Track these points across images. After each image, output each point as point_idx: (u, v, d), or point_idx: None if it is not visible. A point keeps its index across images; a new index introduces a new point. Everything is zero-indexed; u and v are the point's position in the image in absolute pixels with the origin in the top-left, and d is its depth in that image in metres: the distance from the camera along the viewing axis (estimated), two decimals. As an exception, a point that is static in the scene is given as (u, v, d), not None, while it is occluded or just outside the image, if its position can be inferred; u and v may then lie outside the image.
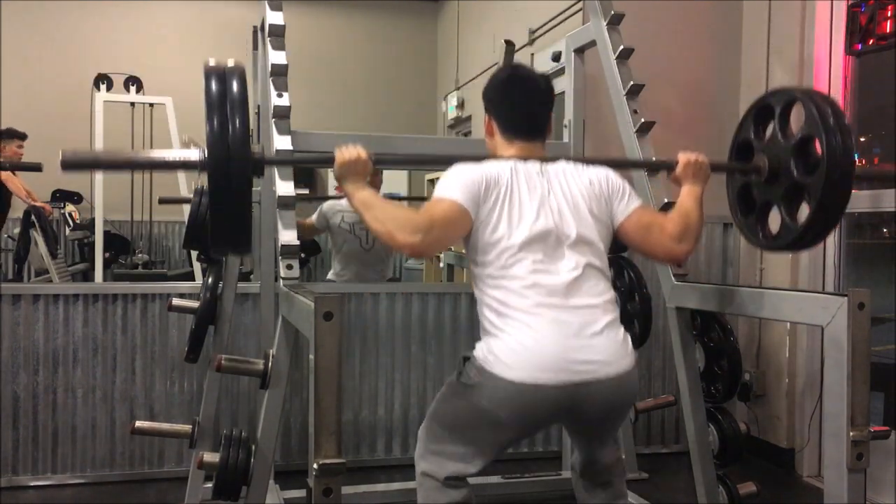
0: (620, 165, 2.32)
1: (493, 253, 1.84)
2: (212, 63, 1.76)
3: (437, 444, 1.90)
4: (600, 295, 1.86)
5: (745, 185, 2.22)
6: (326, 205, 4.08)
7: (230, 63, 1.78)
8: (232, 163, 1.65)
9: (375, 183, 4.09)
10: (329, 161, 1.87)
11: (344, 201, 3.94)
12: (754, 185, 2.18)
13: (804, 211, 2.03)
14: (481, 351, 1.83)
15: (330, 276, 4.19)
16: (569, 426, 2.07)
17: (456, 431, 1.88)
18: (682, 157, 2.11)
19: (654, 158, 2.63)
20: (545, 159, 1.98)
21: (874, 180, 2.22)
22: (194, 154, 1.70)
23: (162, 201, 5.18)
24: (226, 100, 1.68)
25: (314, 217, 4.05)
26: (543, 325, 1.77)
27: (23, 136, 5.73)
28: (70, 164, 1.71)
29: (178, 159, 1.76)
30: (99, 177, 5.39)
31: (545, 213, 1.86)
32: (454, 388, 1.91)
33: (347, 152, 1.84)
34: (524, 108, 2.02)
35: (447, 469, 1.87)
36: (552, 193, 1.89)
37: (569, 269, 1.83)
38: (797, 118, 2.06)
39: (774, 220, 2.16)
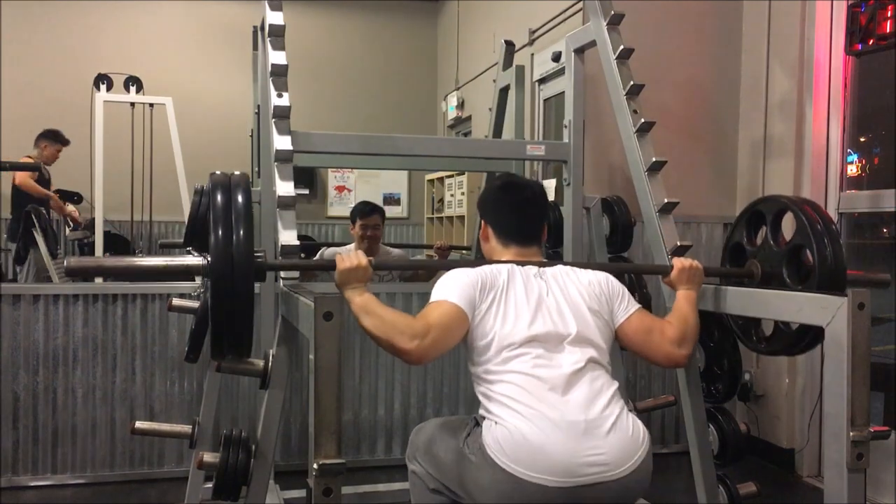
0: (619, 271, 2.38)
1: (492, 350, 1.82)
2: (217, 174, 1.86)
3: (428, 465, 1.97)
4: (605, 388, 1.81)
5: (739, 285, 2.29)
6: (328, 251, 4.14)
7: (236, 173, 1.87)
8: (236, 270, 1.70)
9: (377, 236, 4.11)
10: (331, 266, 1.90)
11: (347, 246, 3.98)
12: (748, 286, 2.24)
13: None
14: (487, 433, 1.77)
15: None
16: None
17: (447, 478, 1.91)
18: (678, 264, 2.16)
19: (653, 158, 2.62)
20: (542, 263, 2.01)
21: (866, 285, 2.26)
22: (198, 260, 1.77)
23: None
24: (231, 210, 1.76)
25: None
26: (547, 422, 1.71)
27: (65, 143, 5.82)
28: (75, 272, 1.82)
29: (181, 264, 1.82)
30: (99, 177, 5.39)
31: (543, 313, 1.86)
32: (457, 448, 1.88)
33: (348, 260, 1.87)
34: (519, 215, 2.06)
35: (432, 482, 1.91)
36: (550, 293, 1.90)
37: (571, 362, 1.81)
38: (789, 224, 2.14)
39: (768, 323, 2.23)
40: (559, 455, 1.68)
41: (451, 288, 1.86)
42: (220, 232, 1.73)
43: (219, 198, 1.78)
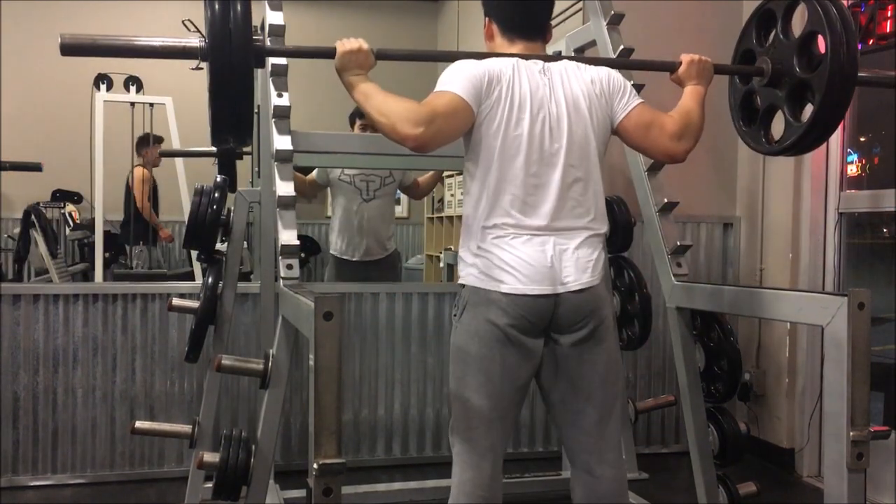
0: (622, 66, 2.30)
1: (491, 157, 1.84)
2: None
3: (460, 428, 1.92)
4: (584, 215, 1.88)
5: (748, 93, 2.23)
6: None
7: None
8: (234, 49, 1.63)
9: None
10: (331, 53, 1.87)
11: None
12: (757, 91, 2.18)
13: (807, 114, 2.04)
14: (470, 276, 1.87)
15: (331, 249, 4.15)
16: (553, 348, 1.96)
17: (469, 376, 1.89)
18: (686, 57, 2.10)
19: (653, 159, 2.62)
20: (547, 58, 1.95)
21: (878, 85, 2.26)
22: (194, 41, 1.69)
23: (163, 154, 5.16)
24: None
25: (314, 173, 4.02)
26: (528, 247, 1.82)
27: (158, 140, 5.81)
28: (69, 49, 1.73)
29: (178, 46, 1.75)
30: (99, 177, 5.39)
31: (544, 115, 1.85)
32: (455, 331, 1.93)
33: (349, 43, 1.85)
34: (525, 6, 1.98)
35: (473, 446, 1.88)
36: (553, 95, 1.87)
37: (558, 180, 1.84)
38: (800, 22, 2.06)
39: (777, 128, 2.16)
40: (537, 270, 1.81)
41: (458, 80, 1.82)
42: (216, 9, 1.65)
43: None
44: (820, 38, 1.98)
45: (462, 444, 1.90)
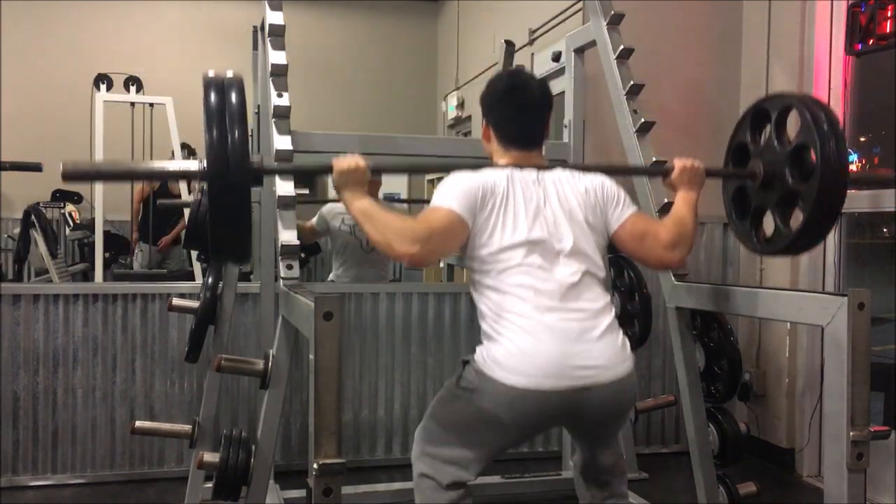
0: (616, 172, 2.33)
1: (491, 260, 1.84)
2: (211, 74, 1.78)
3: (435, 446, 1.89)
4: (597, 300, 1.86)
5: (741, 189, 2.25)
6: (326, 208, 4.09)
7: (229, 74, 1.80)
8: (231, 173, 1.66)
9: (374, 186, 4.11)
10: (328, 170, 1.87)
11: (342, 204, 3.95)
12: (749, 190, 2.20)
13: (798, 216, 2.05)
14: (481, 355, 1.83)
15: (331, 277, 4.20)
16: (569, 429, 2.08)
17: (455, 433, 1.87)
18: (678, 163, 2.12)
19: (653, 158, 2.63)
20: (542, 167, 1.99)
21: (869, 184, 2.25)
22: (194, 165, 1.72)
23: (161, 206, 5.24)
24: (224, 111, 1.70)
25: (314, 220, 4.05)
26: (542, 330, 1.77)
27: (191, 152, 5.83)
28: (71, 175, 1.72)
29: (178, 169, 1.79)
30: (99, 177, 5.39)
31: (541, 223, 1.86)
32: (453, 391, 1.90)
33: (345, 161, 1.85)
34: (522, 118, 2.02)
35: (446, 476, 1.86)
36: (548, 203, 1.90)
37: (566, 275, 1.84)
38: (794, 123, 2.07)
39: (769, 224, 2.18)
40: (553, 358, 1.75)
41: (453, 195, 1.84)
42: (214, 134, 1.68)
43: (213, 99, 1.72)
44: (812, 149, 2.01)
45: (429, 479, 1.88)
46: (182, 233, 5.91)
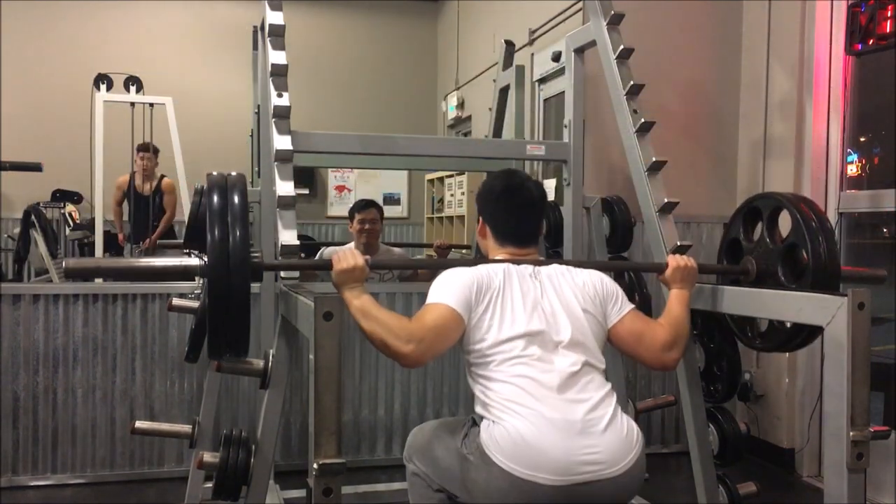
0: (614, 269, 2.37)
1: (489, 352, 1.83)
2: (214, 174, 1.87)
3: (426, 466, 1.97)
4: (599, 389, 1.83)
5: (735, 283, 2.30)
6: (328, 250, 4.12)
7: (232, 174, 1.88)
8: (232, 271, 1.71)
9: (375, 230, 4.12)
10: (327, 266, 1.90)
11: (346, 245, 3.98)
12: (743, 286, 2.25)
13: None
14: (485, 433, 1.78)
15: None
16: None
17: (448, 475, 1.91)
18: (672, 261, 2.17)
19: (653, 158, 2.62)
20: (538, 262, 2.00)
21: (860, 282, 2.28)
22: (195, 261, 1.78)
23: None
24: (227, 210, 1.76)
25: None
26: (545, 423, 1.72)
27: (138, 149, 5.81)
28: (73, 273, 1.82)
29: (179, 266, 1.83)
30: (99, 177, 5.39)
31: (539, 315, 1.86)
32: (455, 449, 1.89)
33: (345, 261, 1.86)
34: (518, 217, 2.05)
35: (435, 483, 1.90)
36: (545, 296, 1.91)
37: (566, 365, 1.82)
38: (785, 220, 2.15)
39: (763, 320, 2.23)
40: (556, 453, 1.69)
41: (448, 291, 1.86)
42: (216, 233, 1.74)
43: (215, 199, 1.79)
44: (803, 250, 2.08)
45: (421, 479, 1.96)
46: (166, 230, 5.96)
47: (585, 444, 1.71)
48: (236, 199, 1.80)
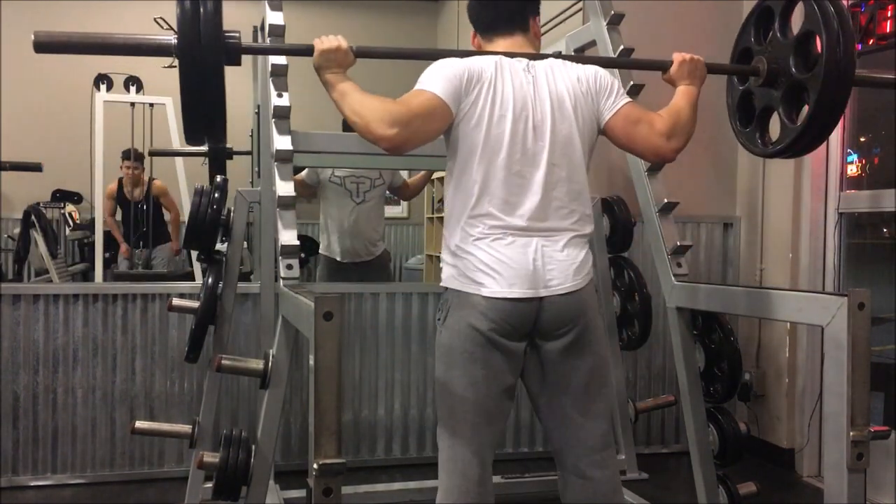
0: (612, 65, 2.28)
1: (472, 156, 1.81)
2: None
3: (445, 433, 1.86)
4: (569, 216, 1.84)
5: (745, 93, 2.21)
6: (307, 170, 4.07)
7: None
8: (204, 47, 1.62)
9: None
10: (309, 51, 1.85)
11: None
12: (754, 91, 2.17)
13: (804, 115, 2.01)
14: (451, 278, 1.84)
15: (322, 249, 4.15)
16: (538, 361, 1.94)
17: (455, 394, 1.83)
18: (677, 57, 2.07)
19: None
20: (533, 56, 1.92)
21: (875, 85, 2.23)
22: (168, 38, 1.69)
23: (152, 153, 5.22)
24: None
25: (304, 173, 3.97)
26: (509, 249, 1.78)
27: (124, 156, 5.81)
28: (43, 46, 1.72)
29: (152, 43, 1.77)
30: (99, 177, 5.39)
31: (527, 113, 1.81)
32: (439, 335, 1.88)
33: (327, 41, 1.83)
34: (497, 1, 1.97)
35: (457, 470, 1.83)
36: (537, 92, 1.84)
37: (541, 180, 1.81)
38: (799, 19, 2.03)
39: (775, 129, 2.14)
40: (520, 272, 1.78)
41: (436, 79, 1.79)
42: (186, 5, 1.64)
43: None
44: (817, 38, 1.96)
45: (447, 450, 1.86)
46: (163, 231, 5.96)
47: (544, 264, 1.80)
48: None
